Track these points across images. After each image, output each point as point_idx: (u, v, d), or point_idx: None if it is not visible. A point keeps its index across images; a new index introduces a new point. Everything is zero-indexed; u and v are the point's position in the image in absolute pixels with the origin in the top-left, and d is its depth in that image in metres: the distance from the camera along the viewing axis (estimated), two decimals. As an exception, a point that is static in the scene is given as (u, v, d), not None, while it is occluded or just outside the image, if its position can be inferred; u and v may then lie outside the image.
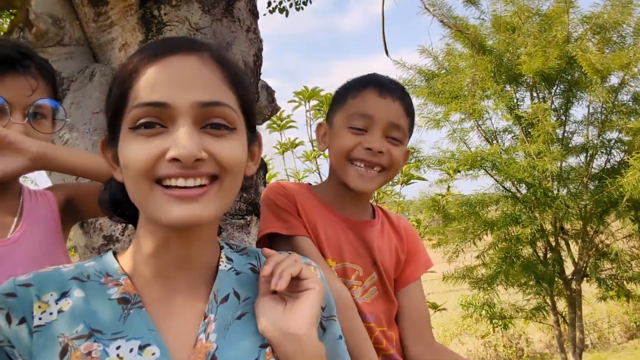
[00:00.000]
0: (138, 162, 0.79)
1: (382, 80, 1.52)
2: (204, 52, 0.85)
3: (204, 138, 0.80)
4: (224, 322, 0.88)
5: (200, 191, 0.79)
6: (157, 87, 0.80)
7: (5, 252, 1.21)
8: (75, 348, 0.79)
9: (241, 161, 0.85)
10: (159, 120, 0.79)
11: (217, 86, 0.83)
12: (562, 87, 6.30)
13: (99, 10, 2.03)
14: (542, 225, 6.09)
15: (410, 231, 1.63)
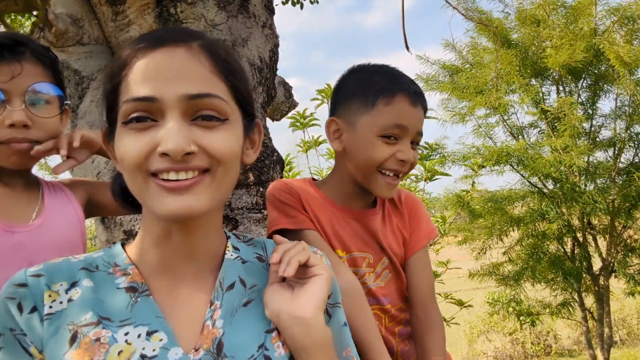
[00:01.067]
0: (131, 157, 0.80)
1: (412, 86, 1.46)
2: (192, 42, 0.85)
3: (194, 131, 0.80)
4: (230, 309, 0.89)
5: (191, 181, 0.79)
6: (145, 81, 0.80)
7: (28, 238, 1.24)
8: (84, 334, 0.81)
9: (233, 152, 0.85)
10: (149, 114, 0.80)
11: (205, 77, 0.82)
12: (589, 81, 6.19)
13: (116, 9, 2.06)
14: (569, 221, 6.00)
15: (410, 204, 1.62)
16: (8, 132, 1.21)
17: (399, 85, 1.44)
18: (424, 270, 1.58)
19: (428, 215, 1.64)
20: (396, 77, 1.48)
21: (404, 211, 1.60)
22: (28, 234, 1.24)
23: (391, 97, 1.43)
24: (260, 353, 0.86)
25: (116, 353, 0.79)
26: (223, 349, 0.85)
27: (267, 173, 2.00)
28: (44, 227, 1.28)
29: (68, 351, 0.80)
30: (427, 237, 1.60)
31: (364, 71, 1.54)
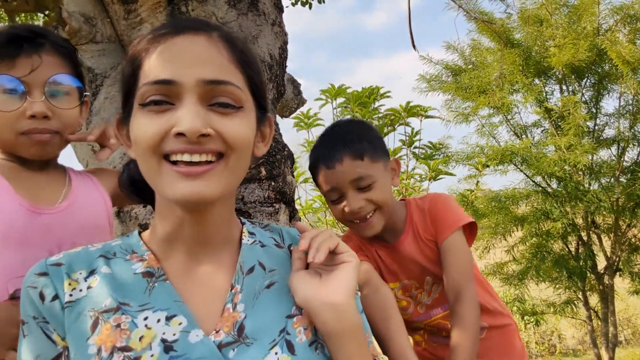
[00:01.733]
0: (146, 137, 0.82)
1: (324, 153, 1.60)
2: (212, 32, 0.87)
3: (210, 115, 0.82)
4: (252, 292, 0.91)
5: (205, 168, 0.81)
6: (164, 65, 0.82)
7: (55, 219, 1.27)
8: (105, 321, 0.83)
9: (247, 139, 0.87)
10: (166, 97, 0.82)
11: (223, 65, 0.85)
12: (592, 80, 6.19)
13: (128, 8, 2.09)
14: (574, 220, 6.00)
15: (433, 210, 1.70)
16: (29, 123, 1.24)
17: (314, 161, 1.64)
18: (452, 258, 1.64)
19: (452, 207, 1.70)
20: (313, 154, 1.66)
21: (427, 219, 1.69)
22: (55, 216, 1.28)
23: (314, 174, 1.65)
24: (282, 337, 0.88)
25: (138, 338, 0.82)
26: (244, 331, 0.86)
27: (279, 167, 2.03)
28: (70, 210, 1.31)
29: (91, 337, 0.82)
30: (449, 229, 1.65)
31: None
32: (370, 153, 1.58)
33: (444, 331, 1.75)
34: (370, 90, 5.28)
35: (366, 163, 1.56)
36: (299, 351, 0.87)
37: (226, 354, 0.83)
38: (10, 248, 1.20)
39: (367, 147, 1.58)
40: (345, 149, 1.56)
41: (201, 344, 0.82)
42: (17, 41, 1.23)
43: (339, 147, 1.57)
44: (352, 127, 1.67)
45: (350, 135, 1.59)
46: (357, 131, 1.63)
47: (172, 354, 0.81)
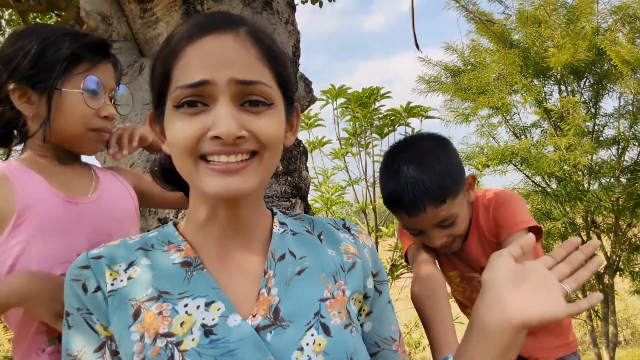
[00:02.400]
0: (182, 140, 0.84)
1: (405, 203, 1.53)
2: (239, 28, 0.88)
3: (243, 116, 0.84)
4: (284, 278, 0.93)
5: (241, 165, 0.84)
6: (196, 67, 0.83)
7: (89, 208, 1.34)
8: (147, 309, 0.86)
9: (279, 136, 0.89)
10: (200, 99, 0.84)
11: (252, 64, 0.86)
12: (592, 80, 6.24)
13: (144, 7, 2.12)
14: (574, 220, 6.03)
15: (497, 211, 1.65)
16: (101, 122, 1.36)
17: (393, 203, 1.59)
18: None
19: (516, 208, 1.64)
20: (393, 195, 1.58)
21: (492, 219, 1.67)
22: (89, 205, 1.35)
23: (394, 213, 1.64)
24: (317, 320, 0.90)
25: (179, 324, 0.84)
26: (280, 314, 0.88)
27: (295, 163, 2.06)
28: (101, 200, 1.39)
29: (133, 324, 0.85)
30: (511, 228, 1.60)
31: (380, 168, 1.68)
32: (452, 193, 1.52)
33: None
34: (371, 91, 5.28)
35: (448, 204, 1.52)
36: (335, 333, 0.89)
37: (264, 337, 0.85)
38: (51, 236, 1.26)
39: (449, 188, 1.52)
40: (428, 199, 1.50)
41: (239, 328, 0.85)
42: (101, 49, 1.37)
43: (420, 197, 1.49)
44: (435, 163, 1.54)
45: (432, 178, 1.50)
46: (441, 169, 1.52)
47: (212, 338, 0.83)
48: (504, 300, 0.88)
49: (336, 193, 5.61)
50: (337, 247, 1.03)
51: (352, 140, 5.57)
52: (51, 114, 1.29)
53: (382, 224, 5.94)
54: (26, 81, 1.28)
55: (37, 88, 1.29)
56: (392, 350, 1.04)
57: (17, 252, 1.22)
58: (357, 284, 1.00)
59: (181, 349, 0.82)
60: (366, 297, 1.03)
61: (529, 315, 0.86)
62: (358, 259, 1.02)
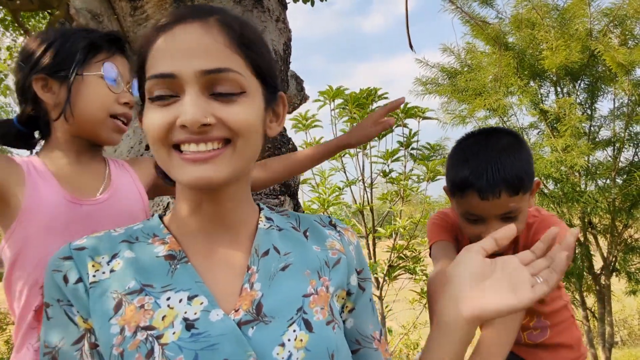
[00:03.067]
0: (153, 130, 0.84)
1: (481, 182, 1.50)
2: (209, 17, 0.87)
3: (212, 104, 0.83)
4: (268, 273, 0.93)
5: (211, 154, 0.83)
6: (164, 57, 0.83)
7: (95, 210, 1.37)
8: (129, 302, 0.85)
9: (252, 124, 0.87)
10: (170, 90, 0.83)
11: (220, 51, 0.84)
12: (587, 82, 6.25)
13: (135, 4, 2.12)
14: (570, 221, 6.04)
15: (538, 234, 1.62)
16: (121, 108, 1.40)
17: (467, 184, 1.52)
18: None
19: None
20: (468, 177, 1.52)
21: (530, 237, 1.64)
22: (95, 207, 1.37)
23: (461, 194, 1.54)
24: (299, 316, 0.89)
25: (160, 318, 0.84)
26: (262, 310, 0.88)
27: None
28: (109, 201, 1.41)
29: (113, 317, 0.84)
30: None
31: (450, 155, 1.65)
32: (525, 185, 1.50)
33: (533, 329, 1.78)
34: (368, 92, 5.30)
35: (519, 197, 1.50)
36: (317, 329, 0.89)
37: (246, 332, 0.84)
38: (54, 235, 1.28)
39: (525, 182, 1.50)
40: (504, 185, 1.47)
41: (221, 323, 0.84)
42: (117, 41, 1.43)
43: (498, 181, 1.47)
44: (511, 147, 1.54)
45: (511, 166, 1.49)
46: (517, 158, 1.51)
47: (194, 332, 0.82)
48: (461, 296, 0.91)
49: (333, 194, 5.62)
50: (323, 243, 1.03)
51: (349, 141, 5.57)
52: (72, 98, 1.34)
53: (379, 225, 5.94)
54: (48, 71, 1.34)
55: (58, 77, 1.34)
56: (372, 348, 1.04)
57: (19, 247, 1.27)
58: (341, 280, 1.00)
59: (161, 343, 0.81)
60: (349, 293, 1.02)
61: (484, 309, 0.89)
62: (343, 255, 1.02)
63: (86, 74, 1.35)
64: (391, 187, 5.91)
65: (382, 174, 5.61)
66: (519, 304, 0.87)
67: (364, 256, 1.10)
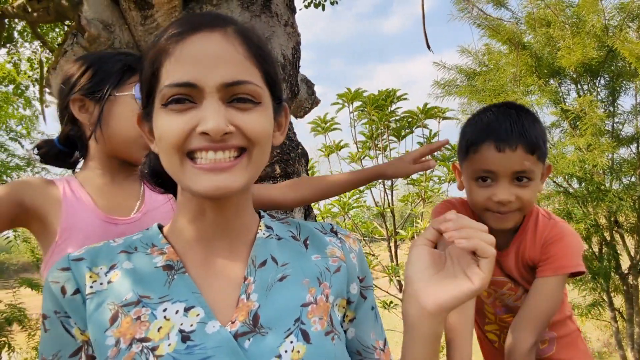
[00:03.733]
0: (171, 135, 0.84)
1: (499, 132, 1.51)
2: (227, 27, 0.88)
3: (230, 112, 0.84)
4: (265, 284, 0.92)
5: (230, 164, 0.84)
6: (184, 67, 0.84)
7: (129, 229, 1.41)
8: (125, 314, 0.85)
9: (267, 133, 0.89)
10: (188, 97, 0.84)
11: (241, 63, 0.86)
12: (607, 78, 6.14)
13: (145, 13, 2.15)
14: (597, 220, 5.94)
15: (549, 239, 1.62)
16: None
17: (484, 134, 1.53)
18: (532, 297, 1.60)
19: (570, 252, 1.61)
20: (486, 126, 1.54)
21: (538, 247, 1.63)
22: (129, 226, 1.42)
23: (477, 146, 1.54)
24: (297, 327, 0.89)
25: (156, 329, 0.84)
26: (259, 321, 0.87)
27: (293, 166, 2.06)
28: (142, 220, 1.46)
29: (109, 329, 0.84)
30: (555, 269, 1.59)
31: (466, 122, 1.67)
32: (541, 150, 1.52)
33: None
34: (387, 93, 5.26)
35: (534, 159, 1.50)
36: (315, 340, 0.88)
37: (242, 344, 0.84)
38: None
39: (541, 145, 1.52)
40: (522, 139, 1.48)
41: (217, 335, 0.84)
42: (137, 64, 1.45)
43: (516, 134, 1.48)
44: (529, 117, 1.55)
45: (529, 126, 1.51)
46: (535, 124, 1.54)
47: (189, 344, 0.82)
48: (420, 293, 0.90)
49: (354, 197, 5.61)
50: (323, 250, 1.02)
51: (369, 143, 5.56)
52: (105, 118, 1.39)
53: (400, 227, 5.91)
54: (84, 92, 1.41)
55: (94, 98, 1.41)
56: (374, 359, 1.03)
57: None
58: (341, 288, 0.99)
59: (156, 354, 0.81)
60: (349, 302, 1.01)
61: (446, 300, 0.88)
62: (343, 263, 1.01)
63: (119, 94, 1.40)
64: (412, 188, 5.87)
65: (403, 176, 5.55)
66: (475, 287, 0.87)
67: (367, 263, 1.09)
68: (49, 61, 4.99)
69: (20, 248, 7.28)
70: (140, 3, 2.10)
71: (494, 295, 1.78)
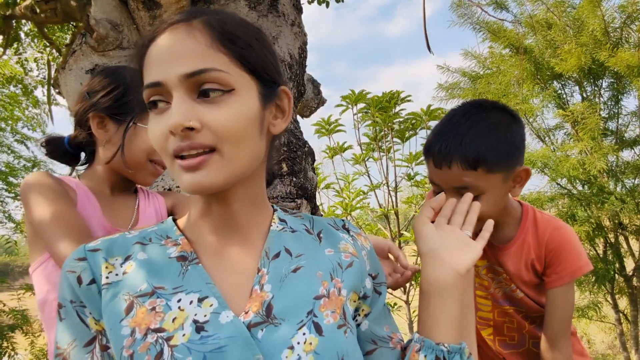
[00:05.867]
0: (154, 139, 0.85)
1: (434, 149, 1.45)
2: (194, 19, 0.86)
3: (197, 108, 0.82)
4: (279, 275, 0.92)
5: (198, 160, 0.82)
6: (152, 66, 0.83)
7: None
8: (140, 305, 0.86)
9: (239, 126, 0.85)
10: (161, 97, 0.84)
11: (201, 52, 0.83)
12: (610, 80, 6.15)
13: (153, 13, 2.16)
14: (600, 222, 5.94)
15: (553, 244, 1.59)
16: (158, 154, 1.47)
17: (426, 150, 1.51)
18: (557, 308, 1.58)
19: (575, 254, 1.58)
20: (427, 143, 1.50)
21: (542, 247, 1.60)
22: None
23: (425, 158, 1.53)
24: (310, 319, 0.88)
25: (171, 320, 0.84)
26: (272, 311, 0.87)
27: (300, 164, 2.07)
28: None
29: (125, 318, 0.85)
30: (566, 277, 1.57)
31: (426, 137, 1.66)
32: (488, 163, 1.39)
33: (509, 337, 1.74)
34: (391, 95, 5.27)
35: (479, 174, 1.39)
36: (327, 333, 0.88)
37: (255, 334, 0.84)
38: None
39: (487, 156, 1.38)
40: (457, 154, 1.39)
41: (231, 325, 0.84)
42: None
43: (451, 148, 1.40)
44: (490, 131, 1.42)
45: (476, 142, 1.39)
46: (483, 132, 1.41)
47: (203, 334, 0.83)
48: (447, 261, 1.06)
49: (357, 198, 5.61)
50: (336, 245, 1.02)
51: (373, 145, 5.57)
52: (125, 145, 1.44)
53: (405, 229, 5.91)
54: (106, 111, 1.44)
55: (115, 119, 1.44)
56: (389, 348, 1.03)
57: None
58: (354, 283, 0.99)
59: (171, 344, 0.82)
60: (365, 297, 1.02)
61: (468, 262, 1.06)
62: (356, 259, 1.02)
63: (139, 124, 1.43)
64: (416, 190, 5.87)
65: (406, 178, 5.57)
66: (477, 252, 1.09)
67: (379, 261, 1.09)
68: (55, 61, 5.02)
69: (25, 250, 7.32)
70: (149, 3, 2.12)
71: (494, 284, 1.73)
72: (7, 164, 5.60)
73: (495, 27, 6.43)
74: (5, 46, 3.75)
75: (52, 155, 1.54)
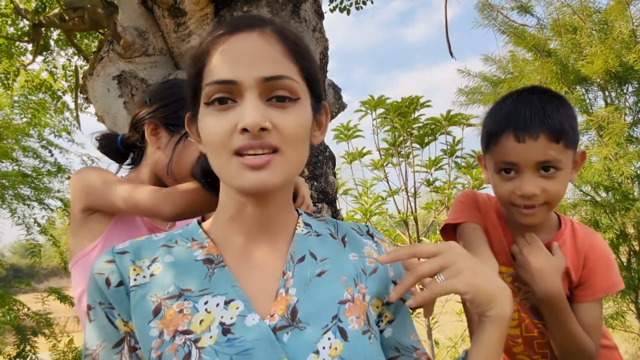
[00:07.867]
0: (215, 136, 0.87)
1: (517, 120, 1.40)
2: (265, 27, 0.91)
3: (269, 110, 0.86)
4: (304, 279, 0.94)
5: (266, 159, 0.85)
6: (225, 65, 0.87)
7: None
8: (168, 307, 0.88)
9: (302, 132, 0.90)
10: (229, 95, 0.87)
11: (278, 60, 0.88)
12: (635, 84, 6.07)
13: (178, 21, 2.21)
14: (624, 229, 5.85)
15: (592, 254, 1.54)
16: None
17: (504, 124, 1.42)
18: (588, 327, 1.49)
19: (613, 269, 1.54)
20: (505, 117, 1.44)
21: (581, 256, 1.54)
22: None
23: (496, 138, 1.44)
24: (335, 324, 0.90)
25: (198, 322, 0.86)
26: (297, 315, 0.89)
27: (321, 168, 2.10)
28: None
29: (152, 320, 0.87)
30: (599, 292, 1.52)
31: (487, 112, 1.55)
32: (568, 137, 1.37)
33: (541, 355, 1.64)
34: (410, 100, 5.26)
35: (560, 147, 1.36)
36: (352, 338, 0.89)
37: (280, 337, 0.86)
38: None
39: (567, 130, 1.36)
40: (544, 126, 1.35)
41: (257, 328, 0.86)
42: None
43: (536, 120, 1.36)
44: (554, 100, 1.41)
45: (552, 110, 1.37)
46: (560, 107, 1.39)
47: (230, 337, 0.85)
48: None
49: (375, 203, 5.59)
50: (360, 250, 1.03)
51: (392, 151, 5.56)
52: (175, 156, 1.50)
53: (424, 235, 5.89)
54: (163, 120, 1.51)
55: (169, 129, 1.51)
56: (412, 358, 1.03)
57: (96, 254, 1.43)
58: (378, 290, 1.00)
59: (199, 346, 0.84)
60: (388, 303, 1.02)
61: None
62: (380, 265, 1.03)
63: (190, 139, 1.47)
64: (435, 196, 5.84)
65: (425, 183, 5.55)
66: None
67: (402, 268, 1.10)
68: (82, 68, 5.11)
69: (50, 252, 7.40)
70: (174, 11, 2.16)
71: (521, 294, 1.64)
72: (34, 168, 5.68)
73: (519, 30, 6.38)
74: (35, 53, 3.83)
75: (104, 150, 1.62)
